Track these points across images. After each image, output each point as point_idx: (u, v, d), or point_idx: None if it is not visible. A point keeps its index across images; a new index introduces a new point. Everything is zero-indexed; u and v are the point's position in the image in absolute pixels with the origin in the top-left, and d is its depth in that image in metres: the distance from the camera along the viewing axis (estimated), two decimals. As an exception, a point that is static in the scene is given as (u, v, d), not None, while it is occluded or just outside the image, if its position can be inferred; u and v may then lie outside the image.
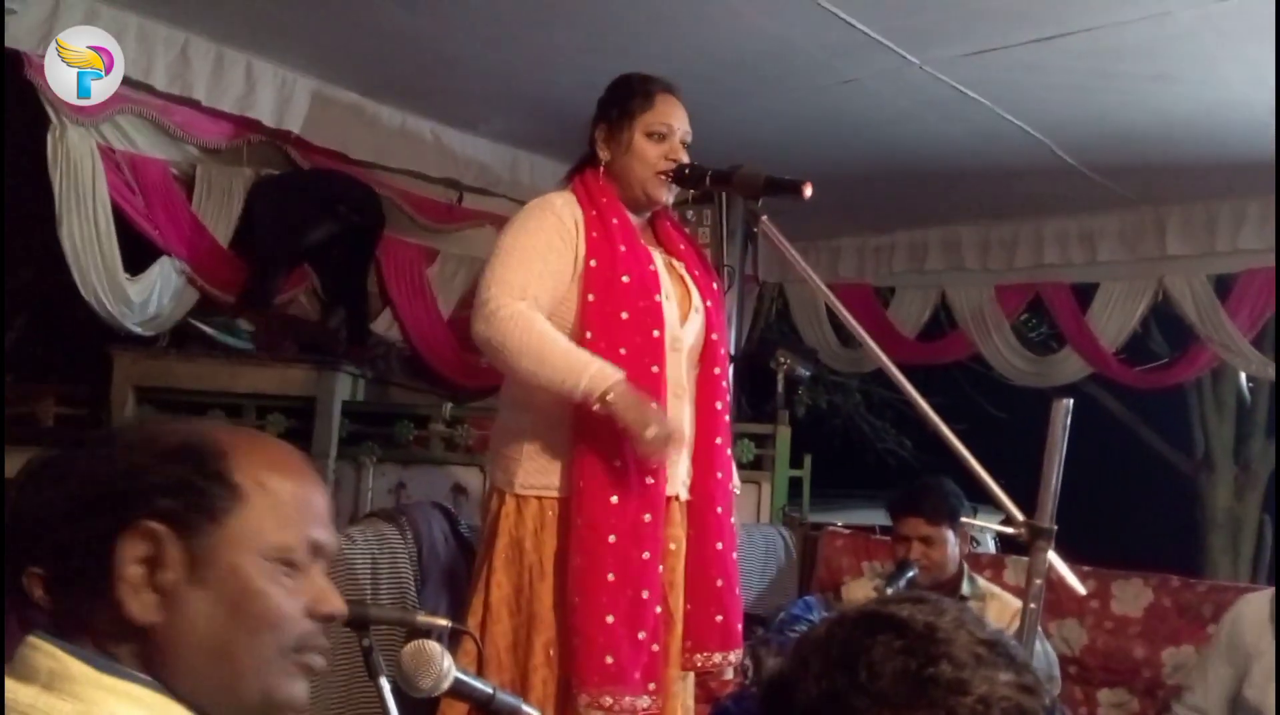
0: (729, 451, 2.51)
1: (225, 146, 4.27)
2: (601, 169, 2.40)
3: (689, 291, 2.43)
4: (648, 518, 2.23)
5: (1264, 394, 8.21)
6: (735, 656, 2.44)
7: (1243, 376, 7.87)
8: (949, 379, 7.60)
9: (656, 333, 2.30)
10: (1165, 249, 4.95)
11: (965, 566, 3.11)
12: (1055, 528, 1.62)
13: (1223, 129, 3.96)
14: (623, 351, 2.25)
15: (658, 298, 2.33)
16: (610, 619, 2.17)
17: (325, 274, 4.60)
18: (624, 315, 2.27)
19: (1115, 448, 8.51)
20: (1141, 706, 3.45)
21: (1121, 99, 3.78)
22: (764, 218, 2.02)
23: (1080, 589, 1.76)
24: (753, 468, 4.38)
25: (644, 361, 2.27)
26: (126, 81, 3.78)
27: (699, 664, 2.39)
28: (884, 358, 1.90)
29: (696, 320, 2.43)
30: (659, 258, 2.41)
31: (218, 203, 4.28)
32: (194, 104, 3.98)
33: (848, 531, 4.29)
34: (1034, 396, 5.27)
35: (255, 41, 3.98)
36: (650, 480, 2.26)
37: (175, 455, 1.04)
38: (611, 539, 2.20)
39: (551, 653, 2.21)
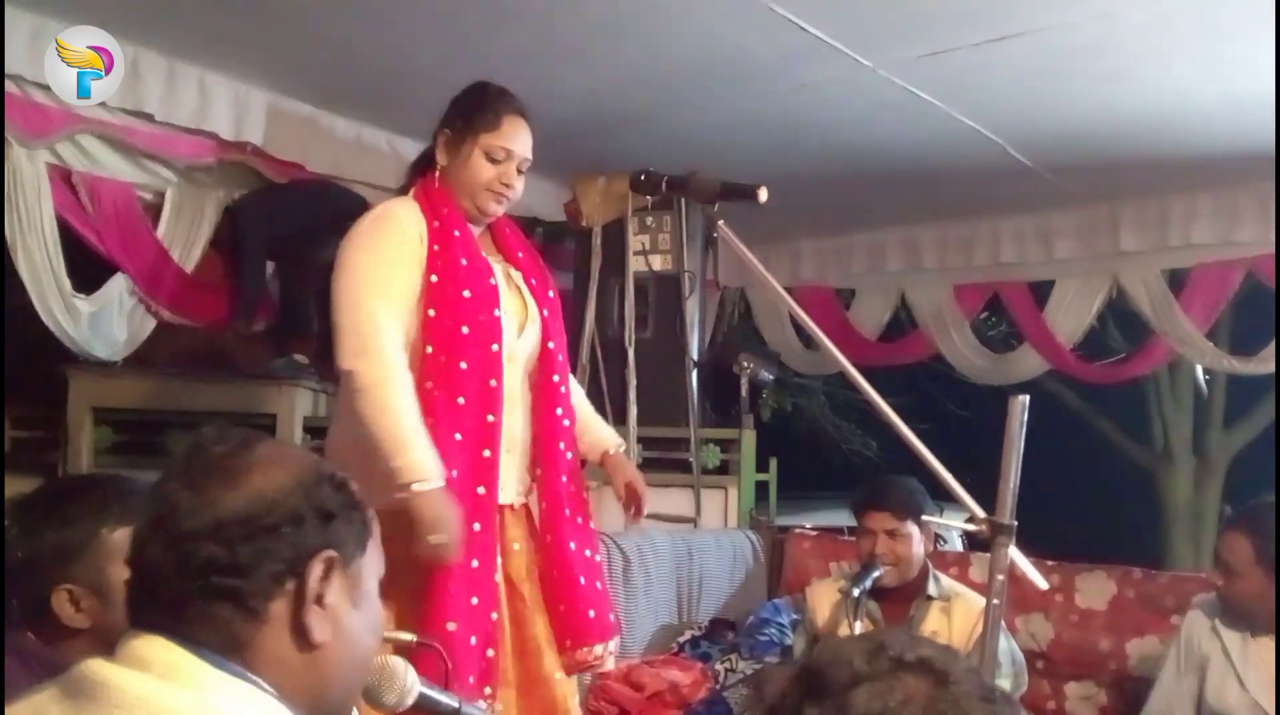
0: (570, 456, 2.53)
1: (196, 165, 4.22)
2: (438, 174, 2.42)
3: (525, 302, 2.47)
4: (477, 527, 2.26)
5: (1220, 386, 8.35)
6: (614, 645, 2.52)
7: (1199, 369, 7.99)
8: (912, 379, 7.67)
9: (495, 347, 2.34)
10: (1119, 245, 5.01)
11: (930, 566, 3.13)
12: (1015, 524, 1.63)
13: (1173, 125, 4.02)
14: (463, 366, 2.28)
15: (496, 312, 2.36)
16: (452, 626, 2.20)
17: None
18: (465, 330, 2.29)
19: (1076, 442, 8.61)
20: (1109, 699, 3.48)
21: (1073, 98, 3.82)
22: (721, 223, 2.02)
23: (1042, 584, 1.77)
24: (719, 472, 4.40)
25: (484, 376, 2.31)
26: (76, 113, 3.75)
27: (582, 658, 2.45)
28: (842, 359, 1.90)
29: (532, 331, 2.47)
30: (498, 268, 2.44)
31: (187, 227, 4.21)
32: (147, 118, 3.94)
33: (814, 533, 4.31)
34: (995, 394, 5.32)
35: (208, 55, 3.93)
36: (482, 490, 2.29)
37: (331, 484, 1.11)
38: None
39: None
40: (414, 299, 2.31)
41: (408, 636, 1.51)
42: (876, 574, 2.93)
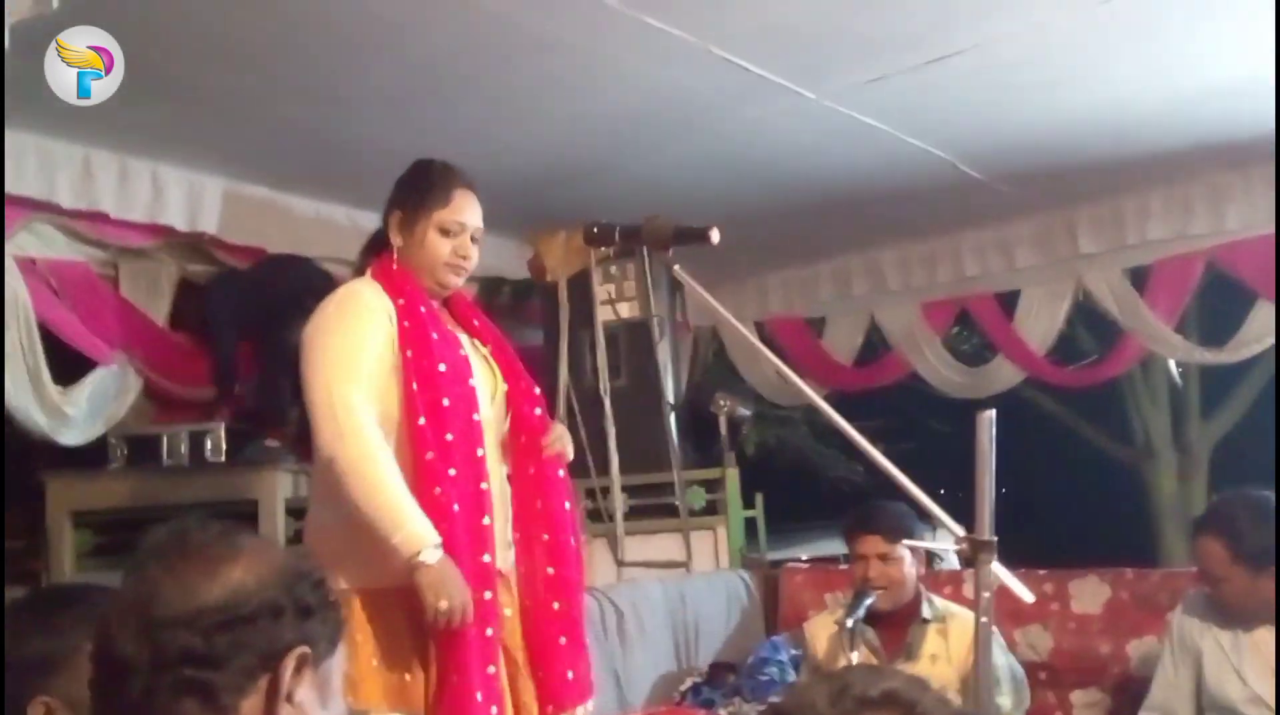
0: (552, 511, 2.54)
1: (145, 247, 4.22)
2: (395, 254, 2.44)
3: (492, 370, 2.50)
4: (488, 596, 2.28)
5: (1193, 378, 8.41)
6: (592, 706, 2.51)
7: (1171, 363, 8.04)
8: (891, 400, 7.67)
9: (475, 417, 2.37)
10: (1079, 249, 5.07)
11: (923, 588, 3.12)
12: (995, 539, 1.63)
13: (1118, 126, 4.08)
14: (449, 437, 2.30)
15: (471, 382, 2.39)
16: (479, 696, 2.21)
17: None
18: (445, 402, 2.32)
19: (1058, 448, 8.65)
20: (1114, 703, 3.47)
21: (1017, 109, 3.88)
22: (676, 267, 2.04)
23: (1028, 597, 1.76)
24: (706, 513, 4.39)
25: (470, 446, 2.34)
26: (30, 203, 3.76)
27: None
28: (802, 384, 1.92)
29: (500, 398, 2.50)
30: (464, 340, 2.48)
31: (146, 295, 4.23)
32: (102, 217, 3.94)
33: (807, 566, 4.30)
34: (976, 408, 5.34)
35: (159, 149, 3.95)
36: (486, 558, 2.31)
37: (310, 581, 1.09)
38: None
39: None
40: (386, 377, 2.33)
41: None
42: (869, 600, 2.92)
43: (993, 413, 1.67)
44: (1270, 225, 4.57)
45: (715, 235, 2.03)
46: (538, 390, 2.59)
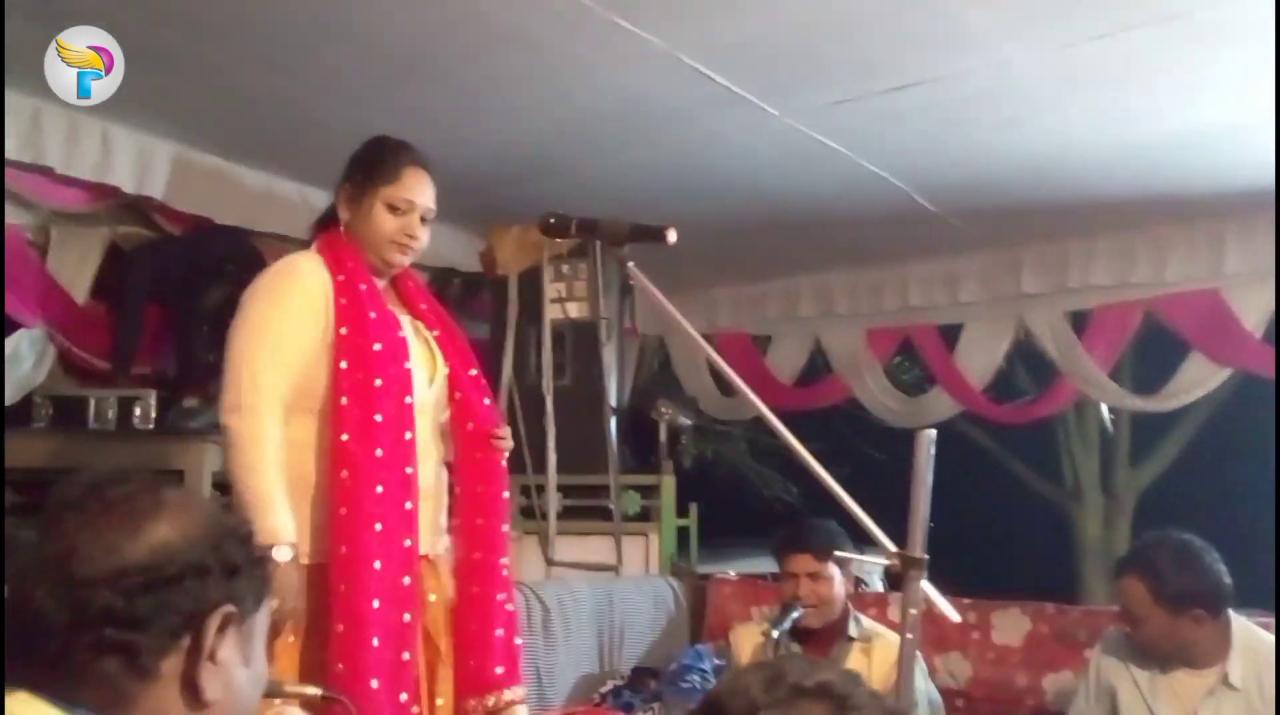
0: (490, 499, 2.54)
1: (83, 212, 4.14)
2: (343, 228, 2.42)
3: (433, 354, 2.48)
4: (407, 581, 2.26)
5: (1125, 425, 8.59)
6: (521, 691, 2.50)
7: (1104, 409, 8.20)
8: (829, 424, 7.74)
9: (408, 399, 2.34)
10: (1022, 288, 5.14)
11: (851, 607, 3.14)
12: (927, 557, 1.65)
13: (1070, 171, 4.15)
14: (378, 417, 2.27)
15: (406, 365, 2.37)
16: (375, 684, 2.18)
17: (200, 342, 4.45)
18: (378, 382, 2.29)
19: (988, 482, 8.77)
20: (1027, 734, 3.52)
21: (972, 145, 3.93)
22: (631, 264, 2.03)
23: (954, 616, 1.78)
24: (639, 519, 4.38)
25: (398, 429, 2.31)
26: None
27: (491, 705, 2.44)
28: (753, 396, 1.92)
29: (439, 381, 2.48)
30: (405, 321, 2.45)
31: (74, 264, 4.15)
32: (47, 171, 3.86)
33: (735, 578, 4.31)
34: (911, 438, 5.39)
35: (111, 108, 3.85)
36: (408, 542, 2.28)
37: (236, 537, 1.07)
38: (375, 604, 2.21)
39: None
40: (310, 354, 2.30)
41: (314, 690, 1.47)
42: (796, 615, 2.94)
43: (933, 432, 1.69)
44: (1209, 280, 4.68)
45: (672, 235, 2.03)
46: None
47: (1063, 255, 5.01)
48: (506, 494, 2.56)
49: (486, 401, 2.55)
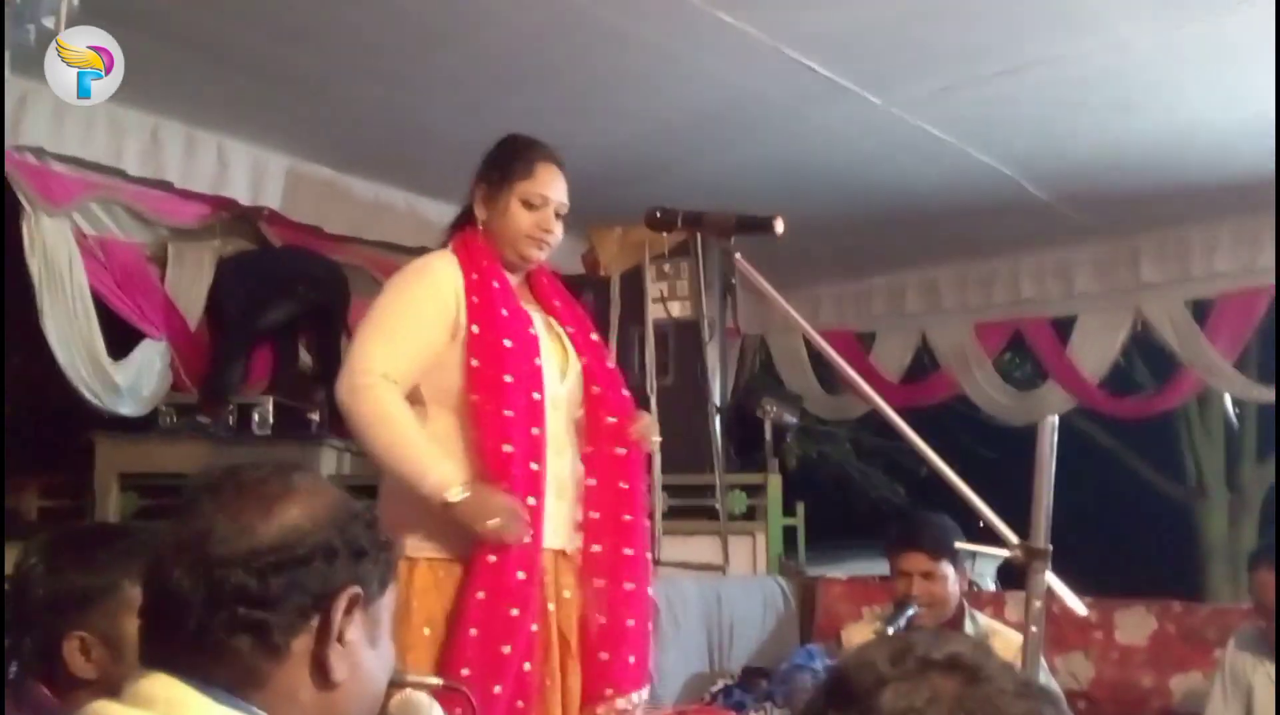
0: (640, 495, 2.52)
1: (198, 226, 4.29)
2: (480, 228, 2.45)
3: (566, 350, 2.48)
4: (521, 576, 2.25)
5: (1251, 417, 8.24)
6: (645, 694, 2.48)
7: (1228, 401, 7.89)
8: (936, 422, 7.57)
9: (537, 396, 2.35)
10: (1140, 278, 4.97)
11: (966, 604, 3.07)
12: (1050, 547, 1.60)
13: (1189, 154, 4.00)
14: (509, 413, 2.29)
15: (537, 361, 2.38)
16: (465, 671, 2.17)
17: (287, 355, 4.56)
18: (508, 378, 2.31)
19: (1108, 480, 8.51)
20: (1155, 737, 3.40)
21: (1086, 129, 3.82)
22: (738, 255, 2.01)
23: (1081, 609, 1.72)
24: (745, 518, 4.35)
25: (526, 424, 2.32)
26: (98, 168, 3.83)
27: (620, 707, 2.41)
28: (866, 386, 1.88)
29: (573, 377, 2.47)
30: (537, 318, 2.46)
31: (190, 279, 4.30)
32: (166, 186, 4.00)
33: (845, 579, 4.25)
34: (1021, 435, 5.26)
35: (227, 122, 4.00)
36: (527, 538, 2.28)
37: (363, 521, 1.09)
38: (480, 595, 2.22)
39: None
40: (436, 348, 2.33)
41: (434, 680, 1.49)
42: (911, 612, 2.87)
43: (1055, 418, 1.63)
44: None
45: (779, 225, 2.01)
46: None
47: (1184, 242, 4.83)
48: (647, 490, 2.55)
49: (625, 392, 2.54)
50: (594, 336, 2.57)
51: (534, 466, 2.31)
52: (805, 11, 3.08)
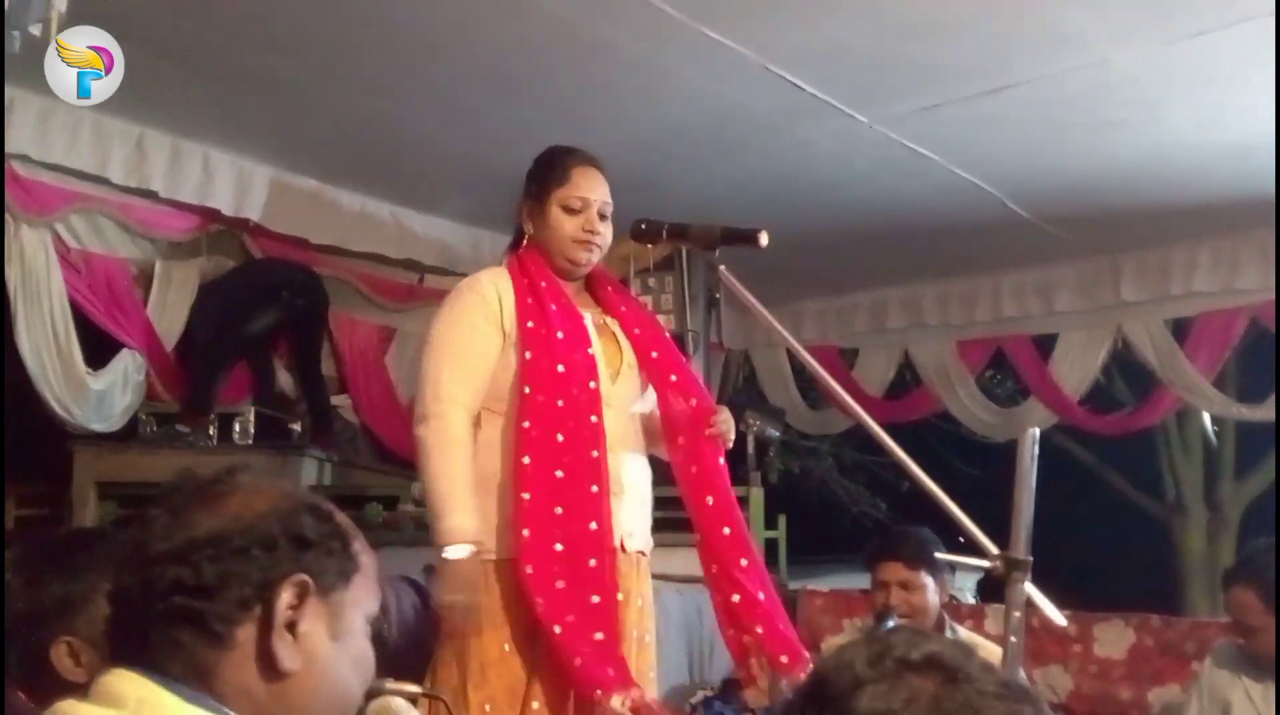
0: (721, 478, 2.53)
1: (185, 239, 4.27)
2: (528, 243, 2.50)
3: (620, 349, 2.49)
4: (593, 563, 2.27)
5: (1229, 437, 8.31)
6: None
7: (1207, 419, 7.95)
8: (918, 438, 7.62)
9: (593, 385, 2.37)
10: (1121, 296, 5.02)
11: (946, 616, 3.08)
12: (1030, 559, 1.61)
13: (1171, 174, 4.04)
14: (560, 403, 2.31)
15: (590, 351, 2.40)
16: (578, 661, 2.20)
17: (263, 367, 4.54)
18: (560, 368, 2.34)
19: (1087, 496, 8.55)
20: (1133, 752, 3.42)
21: (1070, 148, 3.86)
22: (722, 268, 2.03)
23: (1060, 620, 1.73)
24: (728, 532, 4.34)
25: (583, 412, 2.34)
26: (83, 176, 3.82)
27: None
28: (850, 401, 1.90)
29: (630, 376, 2.48)
30: (589, 317, 2.48)
31: (175, 298, 4.28)
32: (151, 196, 3.99)
33: (826, 591, 4.26)
34: (1003, 452, 5.29)
35: (212, 132, 4.00)
36: (594, 525, 2.29)
37: (314, 513, 1.09)
38: (560, 585, 2.24)
39: (488, 709, 2.25)
40: (493, 358, 2.37)
41: (413, 688, 1.49)
42: (891, 624, 2.88)
43: (1036, 430, 1.64)
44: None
45: (764, 238, 2.03)
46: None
47: (1164, 261, 4.88)
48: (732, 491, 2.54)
49: (702, 386, 2.56)
50: (662, 337, 2.57)
51: (594, 454, 2.32)
52: (791, 28, 3.10)
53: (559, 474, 2.28)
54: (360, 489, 4.32)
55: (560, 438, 2.29)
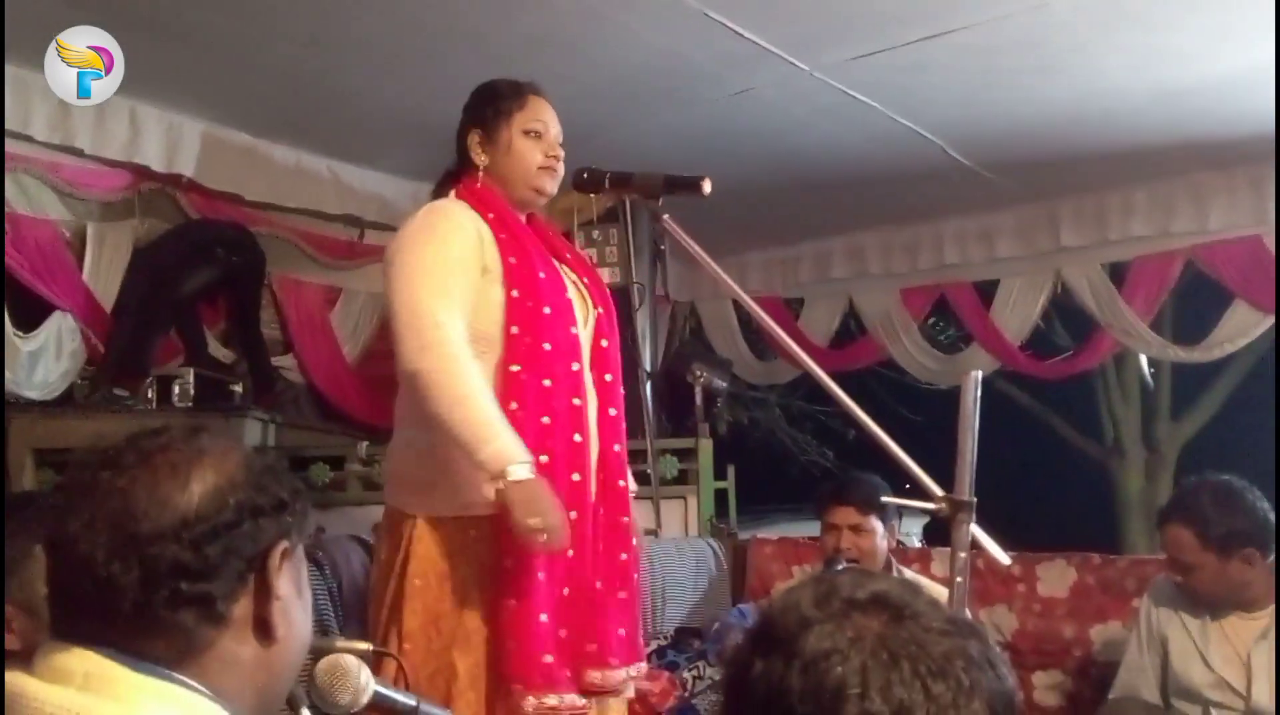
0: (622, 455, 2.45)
1: (117, 199, 4.16)
2: (481, 174, 2.36)
3: (583, 296, 2.41)
4: (574, 515, 2.19)
5: (1165, 378, 8.49)
6: (639, 670, 2.39)
7: (1144, 361, 8.11)
8: (863, 386, 7.69)
9: (574, 330, 2.30)
10: (1060, 242, 5.08)
11: (893, 560, 3.13)
12: (975, 500, 1.63)
13: (1105, 119, 4.08)
14: (546, 347, 2.23)
15: (568, 295, 2.31)
16: (544, 617, 2.14)
17: (194, 328, 4.44)
18: (546, 310, 2.25)
19: (1028, 440, 8.72)
20: (1075, 686, 3.48)
21: (1006, 94, 3.88)
22: (666, 217, 2.01)
23: (1004, 559, 1.76)
24: (677, 482, 4.37)
25: (566, 359, 2.26)
26: (7, 134, 3.69)
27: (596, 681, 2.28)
28: (796, 349, 1.90)
29: (592, 324, 2.40)
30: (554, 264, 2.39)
31: (109, 260, 4.16)
32: (76, 153, 3.88)
33: (776, 539, 4.30)
34: (947, 399, 5.35)
35: (139, 86, 3.86)
36: (576, 476, 2.24)
37: (273, 473, 1.07)
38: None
39: (476, 675, 2.16)
40: (476, 294, 2.23)
41: (363, 646, 1.48)
42: (839, 568, 2.92)
43: (979, 373, 1.66)
44: (1251, 227, 4.61)
45: (707, 186, 2.01)
46: None
47: (1101, 207, 4.95)
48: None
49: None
50: (606, 292, 2.48)
51: (576, 402, 2.25)
52: (730, -27, 3.07)
53: (545, 420, 2.19)
54: (305, 450, 4.26)
55: (548, 383, 2.20)
